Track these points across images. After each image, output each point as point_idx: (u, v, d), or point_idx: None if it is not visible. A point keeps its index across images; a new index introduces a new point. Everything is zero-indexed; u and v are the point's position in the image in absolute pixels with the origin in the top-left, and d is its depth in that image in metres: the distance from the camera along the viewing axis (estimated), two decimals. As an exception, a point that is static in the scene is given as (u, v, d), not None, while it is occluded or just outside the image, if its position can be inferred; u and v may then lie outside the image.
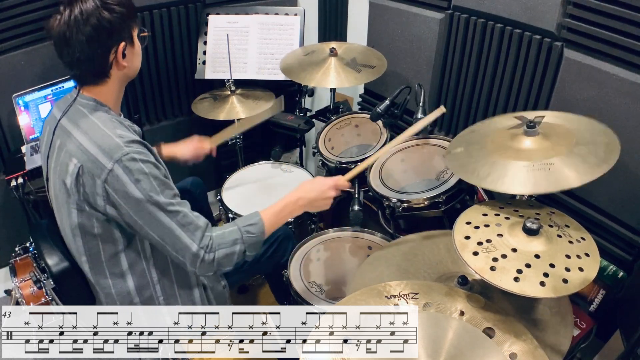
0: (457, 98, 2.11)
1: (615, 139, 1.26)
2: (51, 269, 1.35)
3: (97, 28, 1.18)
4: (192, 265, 1.26)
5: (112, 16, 1.20)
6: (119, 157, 1.17)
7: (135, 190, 1.18)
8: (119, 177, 1.17)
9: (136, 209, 1.20)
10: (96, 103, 1.29)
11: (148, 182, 1.20)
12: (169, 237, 1.23)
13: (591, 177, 1.16)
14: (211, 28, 2.33)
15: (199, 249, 1.24)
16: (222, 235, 1.29)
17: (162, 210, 1.21)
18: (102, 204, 1.22)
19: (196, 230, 1.25)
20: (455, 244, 1.15)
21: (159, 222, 1.22)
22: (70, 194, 1.24)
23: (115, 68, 1.27)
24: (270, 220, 1.38)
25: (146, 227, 1.22)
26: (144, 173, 1.20)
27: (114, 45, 1.23)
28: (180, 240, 1.23)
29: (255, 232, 1.33)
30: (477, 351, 1.00)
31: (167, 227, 1.22)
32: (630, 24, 1.44)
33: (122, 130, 1.25)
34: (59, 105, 1.34)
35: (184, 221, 1.24)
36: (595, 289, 1.64)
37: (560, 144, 1.26)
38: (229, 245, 1.29)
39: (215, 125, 2.59)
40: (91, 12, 1.17)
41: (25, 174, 1.93)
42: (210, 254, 1.26)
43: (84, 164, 1.20)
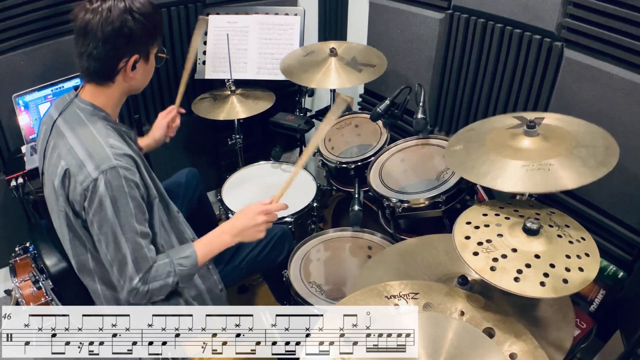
0: (457, 98, 2.10)
1: (614, 143, 1.26)
2: (49, 270, 1.36)
3: (117, 31, 1.18)
4: (128, 294, 1.27)
5: (135, 25, 1.19)
6: (105, 168, 1.18)
7: (110, 207, 1.19)
8: (98, 188, 1.18)
9: (103, 224, 1.21)
10: (94, 108, 1.28)
11: (126, 203, 1.21)
12: (120, 261, 1.25)
13: (591, 178, 1.16)
14: (211, 28, 2.33)
15: (138, 282, 1.26)
16: (157, 267, 1.30)
17: (124, 235, 1.22)
18: (78, 209, 1.23)
19: (143, 267, 1.27)
20: (455, 244, 1.15)
21: (117, 244, 1.23)
22: (58, 195, 1.25)
23: (122, 77, 1.26)
24: (203, 252, 1.38)
25: (103, 243, 1.23)
26: (123, 192, 1.20)
27: (127, 54, 1.23)
28: (127, 269, 1.25)
29: (187, 264, 1.34)
30: (477, 351, 1.00)
31: (121, 253, 1.24)
32: (630, 24, 1.44)
33: (115, 139, 1.25)
34: (56, 104, 1.34)
35: (139, 254, 1.25)
36: (595, 289, 1.64)
37: (560, 146, 1.26)
38: (163, 277, 1.30)
39: (216, 125, 2.61)
40: (118, 14, 1.17)
41: (25, 174, 1.93)
42: (145, 286, 1.27)
43: (70, 168, 1.21)
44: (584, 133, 1.32)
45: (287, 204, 1.50)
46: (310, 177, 2.14)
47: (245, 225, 1.41)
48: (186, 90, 2.49)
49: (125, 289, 1.27)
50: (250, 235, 1.43)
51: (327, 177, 2.16)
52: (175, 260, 1.33)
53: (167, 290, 1.34)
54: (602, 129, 1.32)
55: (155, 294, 1.31)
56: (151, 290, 1.29)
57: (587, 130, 1.33)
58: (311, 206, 1.97)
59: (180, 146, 2.65)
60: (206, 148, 2.75)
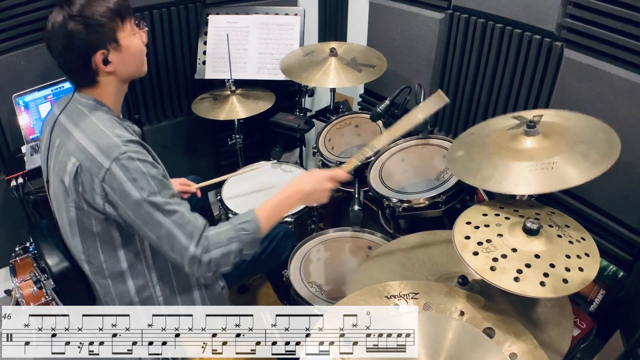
0: (457, 98, 2.10)
1: (614, 134, 1.25)
2: (51, 269, 1.35)
3: (66, 40, 1.18)
4: (190, 267, 1.23)
5: (83, 28, 1.17)
6: (116, 155, 1.17)
7: (133, 189, 1.18)
8: (116, 175, 1.17)
9: (134, 208, 1.20)
10: (95, 102, 1.29)
11: (145, 181, 1.19)
12: (167, 237, 1.21)
13: (595, 173, 1.15)
14: (211, 28, 2.33)
15: (196, 249, 1.22)
16: (217, 234, 1.26)
17: (159, 210, 1.20)
18: (101, 203, 1.22)
19: (194, 231, 1.23)
20: (455, 244, 1.15)
21: (156, 222, 1.20)
22: (69, 192, 1.24)
23: (102, 74, 1.26)
24: (267, 215, 1.34)
25: (144, 226, 1.22)
26: (142, 172, 1.19)
27: (90, 55, 1.21)
28: (177, 241, 1.21)
29: (250, 229, 1.29)
30: (477, 351, 1.00)
31: (164, 227, 1.21)
32: (630, 24, 1.44)
33: (120, 130, 1.25)
34: (59, 103, 1.34)
35: (182, 221, 1.22)
36: (595, 289, 1.64)
37: (561, 142, 1.26)
38: (225, 244, 1.25)
39: (216, 125, 2.61)
40: (61, 24, 1.17)
41: (25, 174, 1.93)
42: (206, 254, 1.23)
43: (83, 163, 1.20)
44: (583, 128, 1.31)
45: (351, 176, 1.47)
46: (308, 175, 2.14)
47: (314, 188, 1.39)
48: (187, 91, 2.52)
49: (185, 263, 1.22)
50: (316, 199, 1.41)
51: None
52: (237, 225, 1.28)
53: (231, 259, 1.28)
54: (600, 122, 1.31)
55: (220, 263, 1.26)
56: (214, 259, 1.24)
57: (586, 125, 1.32)
58: (311, 206, 1.97)
59: (181, 146, 2.65)
60: (206, 148, 2.75)
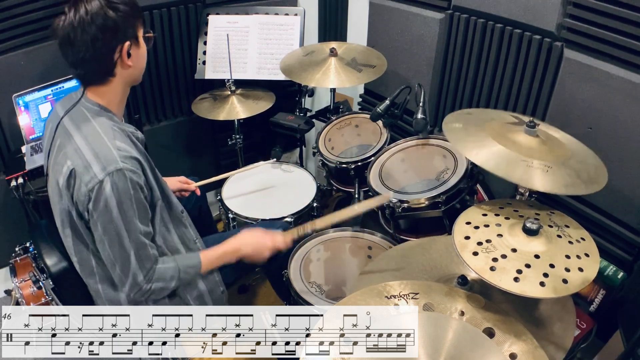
0: (457, 98, 2.11)
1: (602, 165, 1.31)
2: (50, 269, 1.35)
3: (102, 27, 1.19)
4: (130, 290, 1.31)
5: (117, 15, 1.20)
6: (111, 170, 1.18)
7: (115, 208, 1.20)
8: (104, 190, 1.18)
9: (108, 225, 1.22)
10: (100, 108, 1.29)
11: (130, 205, 1.22)
12: (123, 260, 1.27)
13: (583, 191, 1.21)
14: (211, 28, 2.33)
15: (143, 279, 1.30)
16: (164, 270, 1.34)
17: (129, 237, 1.24)
18: (82, 209, 1.23)
19: (147, 264, 1.30)
20: (455, 244, 1.15)
21: (121, 245, 1.25)
22: (62, 194, 1.25)
23: (120, 67, 1.27)
24: (209, 264, 1.46)
25: (107, 243, 1.25)
26: (129, 195, 1.21)
27: (118, 44, 1.24)
28: (131, 267, 1.27)
29: (192, 273, 1.42)
30: (477, 351, 1.00)
31: (125, 252, 1.26)
32: (630, 24, 1.44)
33: (122, 141, 1.25)
34: (63, 103, 1.34)
35: (142, 253, 1.28)
36: (595, 289, 1.64)
37: (558, 153, 1.29)
38: (167, 281, 1.35)
39: (216, 125, 2.61)
40: (96, 12, 1.18)
41: (25, 174, 1.92)
42: (148, 284, 1.31)
43: (76, 168, 1.21)
44: (576, 149, 1.36)
45: None
46: (310, 177, 2.14)
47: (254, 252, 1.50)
48: (187, 91, 2.52)
49: (127, 285, 1.29)
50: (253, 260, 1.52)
51: (327, 177, 2.16)
52: (182, 267, 1.38)
53: (166, 292, 1.39)
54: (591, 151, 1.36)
55: (156, 293, 1.35)
56: (153, 289, 1.33)
57: (578, 148, 1.37)
58: (311, 206, 1.98)
59: (181, 146, 2.65)
60: (206, 148, 2.75)
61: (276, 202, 2.01)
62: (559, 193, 1.19)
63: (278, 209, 1.95)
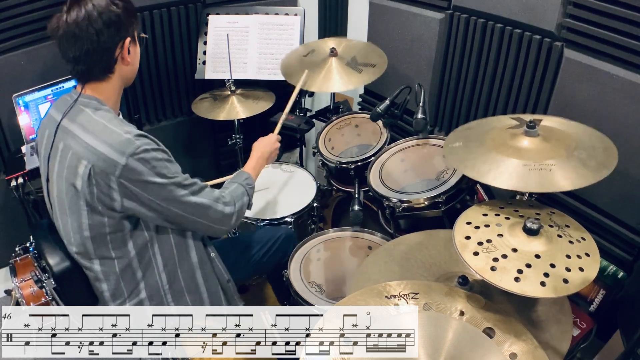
0: (457, 98, 2.11)
1: (612, 145, 1.27)
2: (52, 269, 1.35)
3: (108, 22, 1.22)
4: (227, 224, 1.40)
5: (120, 11, 1.24)
6: (132, 151, 1.18)
7: (155, 177, 1.22)
8: (135, 169, 1.19)
9: (158, 193, 1.24)
10: (98, 102, 1.28)
11: (164, 166, 1.24)
12: (199, 210, 1.32)
13: (592, 180, 1.17)
14: (211, 28, 2.33)
15: (225, 207, 1.38)
16: (234, 191, 1.46)
17: (184, 189, 1.28)
18: (119, 199, 1.22)
19: (216, 195, 1.38)
20: (455, 244, 1.15)
21: (184, 200, 1.29)
22: (81, 195, 1.23)
23: (120, 63, 1.29)
24: (253, 174, 1.61)
25: (173, 208, 1.28)
26: (158, 159, 1.23)
27: (120, 40, 1.26)
28: (211, 209, 1.35)
29: (251, 183, 1.56)
30: (477, 351, 1.00)
31: (193, 203, 1.30)
32: (630, 24, 1.44)
33: (128, 126, 1.26)
34: (57, 106, 1.33)
35: (204, 192, 1.35)
36: (595, 289, 1.64)
37: (560, 147, 1.27)
38: (241, 197, 1.46)
39: (216, 125, 2.60)
40: (104, 7, 1.21)
41: (25, 174, 1.92)
42: (232, 207, 1.41)
43: (95, 164, 1.19)
44: (582, 135, 1.32)
45: None
46: (310, 177, 2.14)
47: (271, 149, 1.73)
48: (187, 91, 2.52)
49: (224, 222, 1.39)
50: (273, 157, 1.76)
51: (327, 177, 2.16)
52: (242, 182, 1.52)
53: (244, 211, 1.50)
54: (599, 132, 1.33)
55: (239, 214, 1.45)
56: (237, 210, 1.42)
57: (585, 133, 1.34)
58: (311, 206, 1.98)
59: (181, 146, 2.65)
60: (206, 148, 2.75)
61: (276, 202, 2.01)
62: (568, 190, 1.18)
63: (278, 209, 1.95)
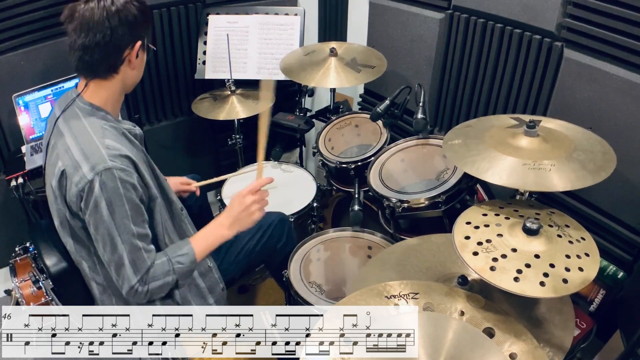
0: (457, 98, 2.10)
1: (611, 150, 1.28)
2: (49, 270, 1.35)
3: (124, 20, 1.21)
4: (127, 294, 1.28)
5: (137, 12, 1.24)
6: (100, 169, 1.17)
7: (105, 208, 1.19)
8: (93, 190, 1.18)
9: (98, 225, 1.21)
10: (92, 107, 1.28)
11: (120, 204, 1.20)
12: (117, 263, 1.24)
13: (590, 182, 1.18)
14: (211, 28, 2.33)
15: (137, 283, 1.26)
16: (156, 267, 1.30)
17: (121, 237, 1.22)
18: (75, 209, 1.23)
19: (142, 268, 1.27)
20: (455, 244, 1.15)
21: (114, 246, 1.23)
22: (56, 196, 1.26)
23: (126, 66, 1.28)
24: (201, 247, 1.38)
25: (101, 244, 1.24)
26: (119, 194, 1.20)
27: (131, 42, 1.26)
28: (124, 270, 1.25)
29: (185, 262, 1.34)
30: (477, 351, 1.00)
31: (118, 254, 1.23)
32: (630, 24, 1.44)
33: (113, 140, 1.24)
34: (60, 102, 1.34)
35: (136, 257, 1.25)
36: (595, 289, 1.64)
37: (560, 148, 1.27)
38: (162, 277, 1.30)
39: (216, 125, 2.61)
40: (123, 5, 1.21)
41: (25, 174, 1.93)
42: (144, 286, 1.27)
43: (67, 169, 1.21)
44: (581, 139, 1.33)
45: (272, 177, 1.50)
46: (310, 177, 2.14)
47: (237, 211, 1.41)
48: (187, 91, 2.52)
49: (124, 289, 1.27)
50: (245, 221, 1.42)
51: (327, 177, 2.16)
52: (173, 258, 1.33)
53: (167, 289, 1.34)
54: (598, 137, 1.34)
55: (156, 292, 1.31)
56: (151, 290, 1.29)
57: (584, 137, 1.35)
58: (311, 206, 1.98)
59: (181, 146, 2.65)
60: (206, 148, 2.75)
61: (276, 202, 2.00)
62: (567, 190, 1.18)
63: (278, 209, 1.95)
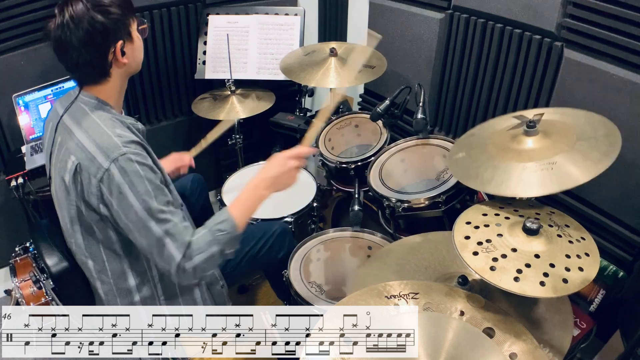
0: (457, 98, 2.10)
1: (615, 129, 1.25)
2: (50, 269, 1.35)
3: (90, 31, 1.17)
4: (177, 276, 1.24)
5: (104, 18, 1.18)
6: (115, 156, 1.17)
7: (129, 192, 1.18)
8: (114, 177, 1.17)
9: (127, 211, 1.20)
10: (98, 101, 1.29)
11: (142, 185, 1.19)
12: (157, 245, 1.21)
13: (595, 172, 1.15)
14: (211, 28, 2.33)
15: (182, 260, 1.22)
16: (197, 240, 1.25)
17: (153, 217, 1.20)
18: (96, 203, 1.22)
19: (184, 242, 1.22)
20: (455, 244, 1.15)
21: (148, 228, 1.20)
22: (69, 190, 1.25)
23: (116, 67, 1.27)
24: (240, 211, 1.32)
25: (135, 231, 1.22)
26: (139, 176, 1.19)
27: (111, 46, 1.22)
28: (166, 249, 1.21)
29: (226, 229, 1.28)
30: (477, 351, 1.00)
31: (155, 235, 1.20)
32: (630, 24, 1.44)
33: (122, 130, 1.25)
34: (61, 101, 1.35)
35: (173, 231, 1.22)
36: (595, 289, 1.64)
37: (561, 141, 1.26)
38: (205, 249, 1.24)
39: (215, 125, 2.60)
40: (81, 16, 1.16)
41: (25, 174, 1.93)
42: (190, 262, 1.22)
43: (82, 162, 1.20)
44: (584, 124, 1.30)
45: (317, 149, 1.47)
46: (310, 177, 2.14)
47: (278, 172, 1.36)
48: (187, 91, 2.52)
49: (172, 271, 1.22)
50: (283, 183, 1.38)
51: (327, 177, 2.16)
52: (213, 227, 1.28)
53: (215, 262, 1.28)
54: (602, 117, 1.31)
55: (204, 267, 1.25)
56: (198, 265, 1.23)
57: (587, 121, 1.32)
58: (311, 206, 1.97)
59: (180, 146, 2.64)
60: (206, 148, 2.74)
61: (276, 202, 1.99)
62: (568, 188, 1.17)
63: (278, 209, 1.95)
